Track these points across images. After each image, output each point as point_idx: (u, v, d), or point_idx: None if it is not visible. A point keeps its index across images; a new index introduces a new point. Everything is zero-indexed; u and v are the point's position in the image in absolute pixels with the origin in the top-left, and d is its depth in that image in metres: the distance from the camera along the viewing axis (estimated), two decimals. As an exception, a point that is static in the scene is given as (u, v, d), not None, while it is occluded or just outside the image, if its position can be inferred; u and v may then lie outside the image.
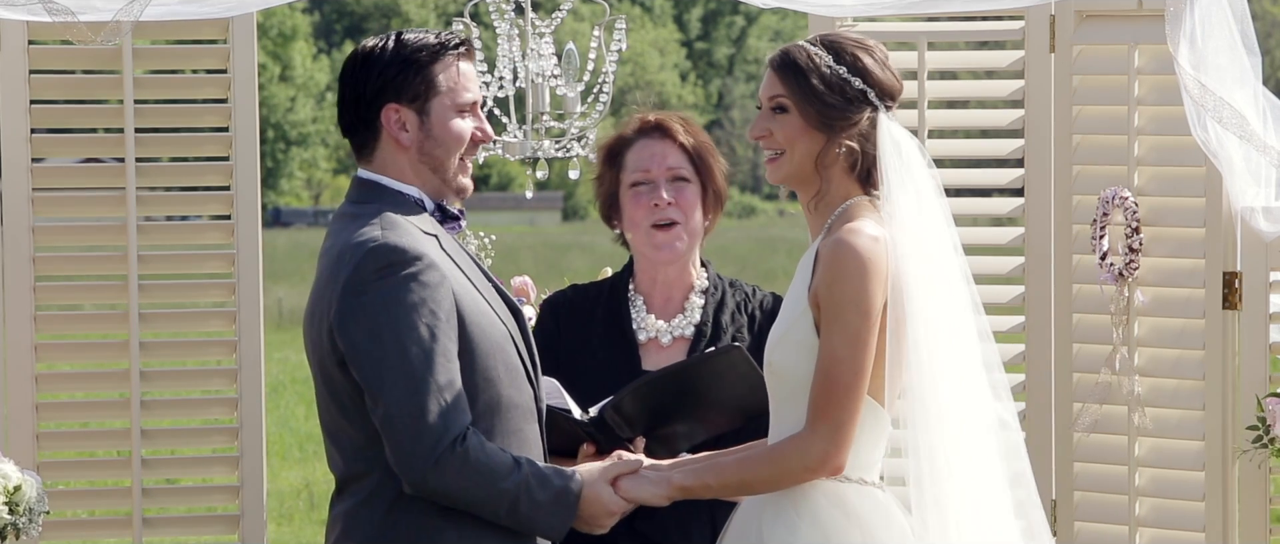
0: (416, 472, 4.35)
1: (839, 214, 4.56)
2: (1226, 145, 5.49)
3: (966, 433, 4.54)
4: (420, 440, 4.33)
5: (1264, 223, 5.57)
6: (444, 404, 4.34)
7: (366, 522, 4.46)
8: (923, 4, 5.65)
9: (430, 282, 4.38)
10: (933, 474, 4.52)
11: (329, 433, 4.54)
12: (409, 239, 4.41)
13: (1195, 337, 5.74)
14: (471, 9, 5.75)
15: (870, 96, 4.53)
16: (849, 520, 4.55)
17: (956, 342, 4.56)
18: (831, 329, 4.47)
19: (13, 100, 5.93)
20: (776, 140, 4.57)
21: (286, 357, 25.68)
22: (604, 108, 5.91)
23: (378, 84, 4.49)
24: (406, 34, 4.50)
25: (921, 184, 4.57)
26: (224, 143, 6.05)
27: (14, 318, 5.97)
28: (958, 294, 4.58)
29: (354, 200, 4.55)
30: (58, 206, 6.10)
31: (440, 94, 4.51)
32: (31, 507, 5.38)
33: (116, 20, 5.47)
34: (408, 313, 4.34)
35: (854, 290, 4.45)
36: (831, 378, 4.47)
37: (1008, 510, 4.58)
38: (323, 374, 4.47)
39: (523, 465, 4.43)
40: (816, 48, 4.55)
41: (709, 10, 71.29)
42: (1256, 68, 5.51)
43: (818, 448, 4.49)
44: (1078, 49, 5.87)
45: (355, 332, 4.36)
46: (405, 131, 4.51)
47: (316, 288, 4.48)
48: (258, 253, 6.06)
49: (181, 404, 6.36)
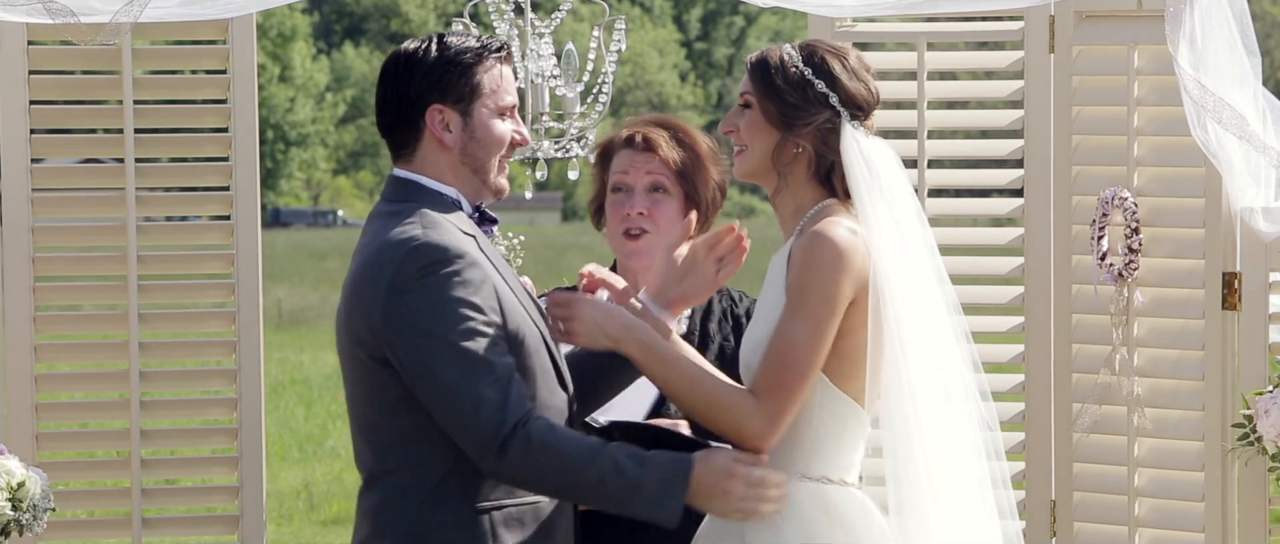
0: (486, 460, 4.40)
1: (813, 214, 4.63)
2: (1226, 146, 5.49)
3: (946, 434, 4.58)
4: (483, 429, 4.37)
5: (1263, 223, 5.57)
6: (502, 391, 4.38)
7: (397, 518, 4.48)
8: (923, 4, 5.65)
9: (473, 279, 4.42)
10: (912, 475, 4.56)
11: (359, 428, 4.56)
12: (450, 237, 4.45)
13: (1195, 337, 5.74)
14: (471, 9, 5.75)
15: (831, 100, 4.61)
16: (833, 522, 4.58)
17: (934, 342, 4.60)
18: (794, 314, 4.52)
19: (12, 100, 5.93)
20: (741, 136, 4.68)
21: (286, 357, 25.68)
22: (603, 108, 5.91)
23: (422, 85, 4.54)
24: (448, 37, 4.57)
25: (893, 188, 4.64)
26: (223, 143, 6.05)
27: (14, 318, 5.97)
28: (933, 295, 4.64)
29: (390, 199, 4.59)
30: (57, 207, 6.10)
31: (483, 96, 4.57)
32: (36, 503, 5.38)
33: (116, 21, 5.47)
34: (454, 308, 4.38)
35: (823, 279, 4.51)
36: (786, 362, 4.51)
37: (987, 511, 4.61)
38: (358, 370, 4.50)
39: (608, 449, 4.44)
40: (792, 49, 4.65)
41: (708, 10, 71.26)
42: (1256, 68, 5.51)
43: (758, 424, 4.52)
44: (1077, 49, 5.87)
45: (402, 330, 4.40)
46: (448, 132, 4.55)
47: (352, 284, 4.50)
48: (257, 253, 6.06)
49: (181, 404, 6.35)
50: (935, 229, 5.99)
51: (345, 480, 16.56)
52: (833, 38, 5.94)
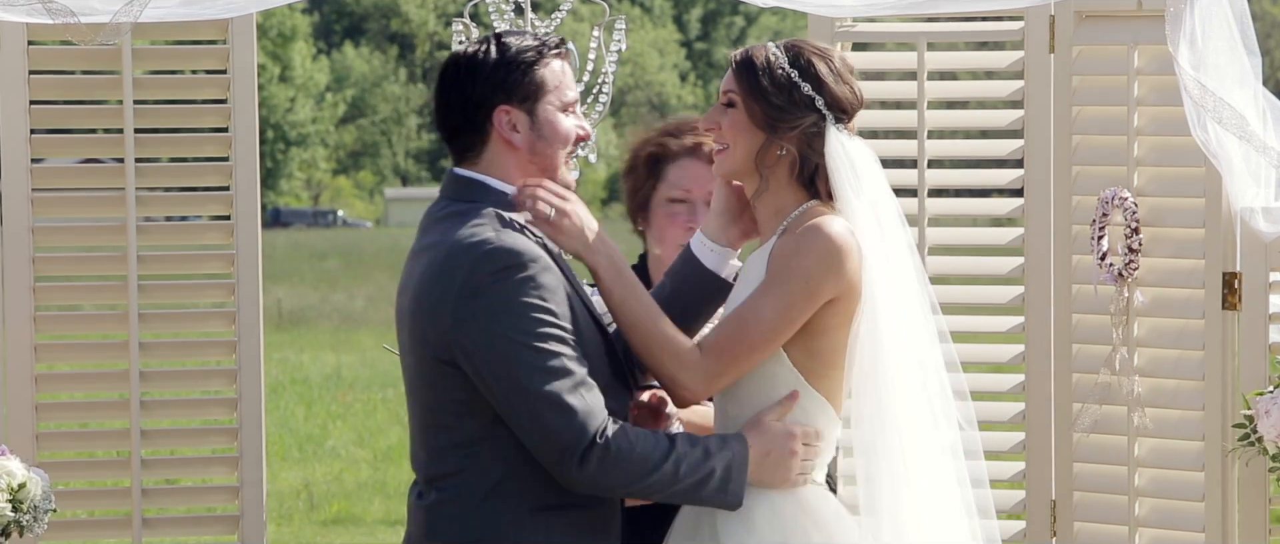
0: (566, 469, 4.40)
1: (798, 215, 4.63)
2: (1226, 146, 5.49)
3: (921, 434, 4.59)
4: (563, 437, 4.37)
5: (1263, 223, 5.56)
6: (582, 398, 4.39)
7: (454, 519, 4.49)
8: (923, 4, 5.65)
9: (547, 283, 4.42)
10: (885, 474, 4.58)
11: (420, 429, 4.56)
12: (523, 240, 4.45)
13: (1195, 337, 5.74)
14: (471, 9, 5.75)
15: (817, 104, 4.61)
16: (808, 518, 4.59)
17: (914, 343, 4.62)
18: (769, 289, 4.53)
19: (12, 100, 5.93)
20: (723, 134, 4.66)
21: (286, 357, 25.69)
22: (604, 108, 5.91)
23: (487, 87, 4.54)
24: (506, 37, 4.57)
25: (876, 190, 4.65)
26: (224, 143, 6.05)
27: (14, 318, 5.97)
28: (915, 296, 4.65)
29: (452, 198, 4.58)
30: (57, 207, 6.10)
31: (548, 93, 4.58)
32: (37, 504, 5.38)
33: (116, 21, 5.47)
34: (530, 312, 4.38)
35: (809, 267, 4.52)
36: (743, 330, 4.53)
37: (964, 511, 4.62)
38: (421, 370, 4.50)
39: (676, 446, 4.47)
40: (777, 50, 4.64)
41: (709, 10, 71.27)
42: (1256, 68, 5.51)
43: (693, 378, 4.55)
44: (1077, 49, 5.87)
45: (477, 334, 4.39)
46: (516, 132, 4.56)
47: (419, 284, 4.49)
48: (257, 253, 6.06)
49: (181, 404, 6.35)
50: (935, 229, 6.03)
51: (345, 480, 16.56)
52: (833, 38, 5.95)
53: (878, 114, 6.17)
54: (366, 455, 18.02)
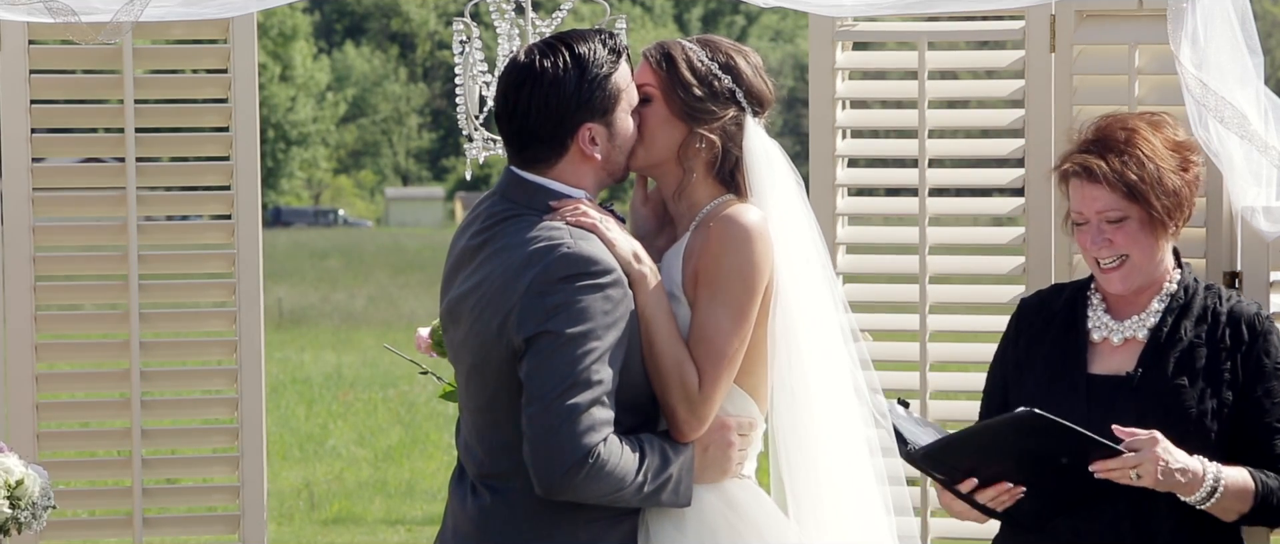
0: (546, 479, 4.40)
1: (713, 207, 4.62)
2: (1227, 145, 5.48)
3: (839, 431, 4.60)
4: (563, 450, 4.38)
5: (1264, 223, 5.56)
6: (588, 419, 4.39)
7: (504, 521, 4.51)
8: (923, 4, 5.65)
9: (614, 297, 4.45)
10: (804, 472, 4.59)
11: (476, 427, 4.58)
12: (599, 249, 4.47)
13: (1196, 336, 5.72)
14: (472, 9, 5.75)
15: (738, 97, 4.62)
16: (737, 514, 4.61)
17: (826, 340, 4.62)
18: (715, 300, 4.52)
19: (13, 100, 5.93)
20: (641, 128, 4.63)
21: (286, 357, 25.70)
22: (604, 108, 5.90)
23: (571, 105, 4.54)
24: (577, 47, 4.56)
25: (786, 188, 4.66)
26: (224, 143, 6.05)
27: (14, 318, 5.97)
28: (825, 294, 4.65)
29: (514, 199, 4.59)
30: (58, 206, 6.10)
31: (621, 101, 4.60)
32: (35, 502, 5.38)
33: (117, 20, 5.47)
34: (584, 322, 4.40)
35: (741, 263, 4.51)
36: (718, 350, 4.51)
37: (878, 506, 4.63)
38: (486, 370, 4.52)
39: (646, 455, 4.48)
40: (691, 44, 4.65)
41: (709, 10, 71.29)
42: (1258, 68, 5.50)
43: (692, 416, 4.52)
44: (1078, 49, 5.87)
45: (529, 331, 4.41)
46: (595, 145, 4.57)
47: (489, 281, 4.50)
48: (258, 253, 6.06)
49: (181, 404, 6.36)
50: (936, 228, 6.02)
51: (345, 480, 16.58)
52: (833, 37, 5.95)
53: (878, 113, 6.16)
54: (367, 455, 18.04)
